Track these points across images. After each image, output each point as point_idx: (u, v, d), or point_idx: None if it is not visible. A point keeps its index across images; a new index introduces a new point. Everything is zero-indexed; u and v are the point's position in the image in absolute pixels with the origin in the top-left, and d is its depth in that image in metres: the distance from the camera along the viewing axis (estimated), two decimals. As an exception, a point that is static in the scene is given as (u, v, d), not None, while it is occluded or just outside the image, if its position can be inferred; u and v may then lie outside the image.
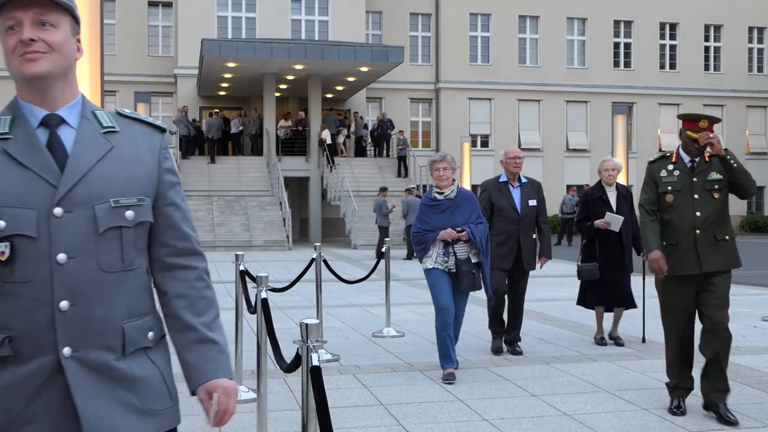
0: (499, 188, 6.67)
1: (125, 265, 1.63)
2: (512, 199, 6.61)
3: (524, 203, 6.62)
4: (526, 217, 6.60)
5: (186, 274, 1.73)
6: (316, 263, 7.10)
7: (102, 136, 1.65)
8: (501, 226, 6.54)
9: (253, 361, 5.95)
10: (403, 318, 8.73)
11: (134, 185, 1.64)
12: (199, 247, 1.76)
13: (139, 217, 1.64)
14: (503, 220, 6.56)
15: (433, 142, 33.74)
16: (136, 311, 1.65)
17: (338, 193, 25.33)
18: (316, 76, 26.65)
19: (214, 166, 26.40)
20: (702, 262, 4.60)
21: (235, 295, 5.32)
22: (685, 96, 36.05)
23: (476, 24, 34.04)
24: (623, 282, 6.98)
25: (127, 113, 1.72)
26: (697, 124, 4.66)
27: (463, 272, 5.63)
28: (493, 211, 6.59)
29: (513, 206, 6.59)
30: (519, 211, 6.59)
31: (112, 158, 1.63)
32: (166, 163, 1.71)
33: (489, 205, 6.58)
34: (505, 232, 6.53)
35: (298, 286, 8.32)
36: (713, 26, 36.62)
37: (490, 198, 6.63)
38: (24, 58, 1.57)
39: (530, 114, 34.37)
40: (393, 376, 5.75)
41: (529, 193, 6.68)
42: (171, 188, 1.72)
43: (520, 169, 6.65)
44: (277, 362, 3.03)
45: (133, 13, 31.16)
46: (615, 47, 35.54)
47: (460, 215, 5.75)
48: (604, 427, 4.41)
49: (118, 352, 1.61)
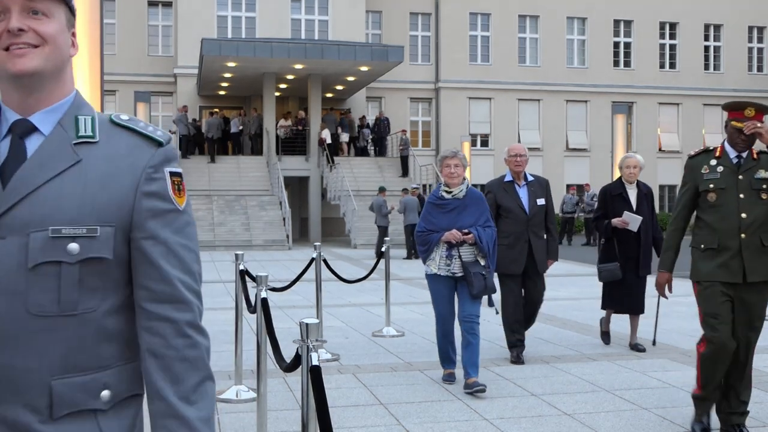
0: (505, 188, 6.37)
1: (62, 308, 1.30)
2: (519, 199, 6.30)
3: (532, 202, 6.30)
4: (535, 217, 6.28)
5: (163, 327, 1.35)
6: (316, 263, 7.10)
7: (71, 147, 1.34)
8: (509, 228, 6.22)
9: (253, 360, 5.95)
10: (403, 317, 8.73)
11: (93, 211, 1.31)
12: (189, 292, 1.37)
13: (88, 252, 1.30)
14: (511, 222, 6.24)
15: (433, 141, 33.74)
16: (79, 365, 1.31)
17: (338, 192, 25.33)
18: (316, 75, 26.66)
19: (214, 166, 26.41)
20: (747, 271, 4.11)
21: (235, 294, 5.32)
22: (685, 95, 36.07)
23: (476, 23, 34.04)
24: (637, 286, 6.66)
25: (122, 121, 1.40)
26: (742, 113, 4.19)
27: (473, 274, 5.29)
28: (500, 213, 6.29)
29: (521, 206, 6.28)
30: (527, 211, 6.27)
31: (73, 176, 1.31)
32: (151, 186, 1.35)
33: (495, 206, 6.25)
34: (513, 234, 6.22)
35: (298, 286, 8.33)
36: (713, 26, 36.62)
37: (495, 199, 6.31)
38: (11, 52, 1.33)
39: (530, 113, 34.38)
40: (393, 376, 5.75)
41: (536, 191, 6.37)
42: (153, 217, 1.35)
43: (522, 167, 6.35)
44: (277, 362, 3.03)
45: (133, 13, 31.16)
46: (615, 47, 35.55)
47: (467, 216, 5.45)
48: (604, 427, 4.41)
49: (43, 414, 1.29)
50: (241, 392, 5.06)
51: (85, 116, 1.39)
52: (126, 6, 31.04)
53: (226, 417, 4.62)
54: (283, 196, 24.14)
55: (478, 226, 5.44)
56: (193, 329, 1.38)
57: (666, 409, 4.78)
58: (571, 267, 15.97)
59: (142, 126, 1.40)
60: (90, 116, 1.39)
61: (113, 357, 1.36)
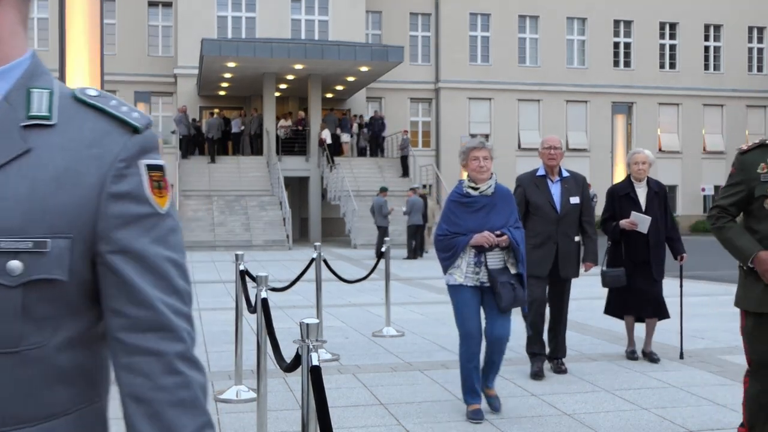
0: (536, 183, 5.77)
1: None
2: (551, 196, 5.71)
3: (565, 200, 5.71)
4: (566, 217, 5.72)
5: (147, 363, 1.02)
6: (316, 263, 7.10)
7: (18, 131, 0.99)
8: (537, 227, 5.66)
9: (253, 360, 5.95)
10: (403, 318, 8.73)
11: (43, 218, 0.98)
12: (176, 316, 1.04)
13: (34, 273, 0.97)
14: (540, 220, 5.68)
15: (433, 141, 33.75)
16: (21, 415, 1.00)
17: (338, 192, 25.34)
18: (316, 75, 26.66)
19: (214, 166, 26.41)
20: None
21: (235, 294, 5.32)
22: (685, 96, 36.08)
23: (476, 24, 34.05)
24: (652, 289, 6.21)
25: (89, 98, 1.04)
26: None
27: (500, 284, 4.56)
28: (529, 210, 5.73)
29: (551, 204, 5.70)
30: (558, 209, 5.70)
31: (19, 170, 0.98)
32: (121, 185, 1.01)
33: (524, 202, 5.70)
34: (541, 233, 5.65)
35: (298, 286, 8.33)
36: (713, 26, 36.63)
37: (525, 194, 5.73)
38: None
39: (530, 114, 34.39)
40: (393, 376, 5.74)
41: (570, 189, 5.77)
42: (124, 225, 1.01)
43: (556, 161, 5.73)
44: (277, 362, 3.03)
45: (133, 13, 31.17)
46: (615, 47, 35.55)
47: (497, 216, 4.71)
48: (604, 427, 4.41)
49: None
50: (241, 392, 5.06)
51: (41, 89, 1.03)
52: (126, 6, 31.05)
53: (226, 417, 4.62)
54: (283, 196, 24.15)
55: (510, 227, 4.73)
56: (186, 363, 1.04)
57: (666, 409, 4.78)
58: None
59: (114, 105, 1.04)
60: (47, 90, 1.03)
61: (71, 401, 1.04)
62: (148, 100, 13.63)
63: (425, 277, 14.00)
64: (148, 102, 13.54)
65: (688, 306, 9.65)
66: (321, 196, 27.05)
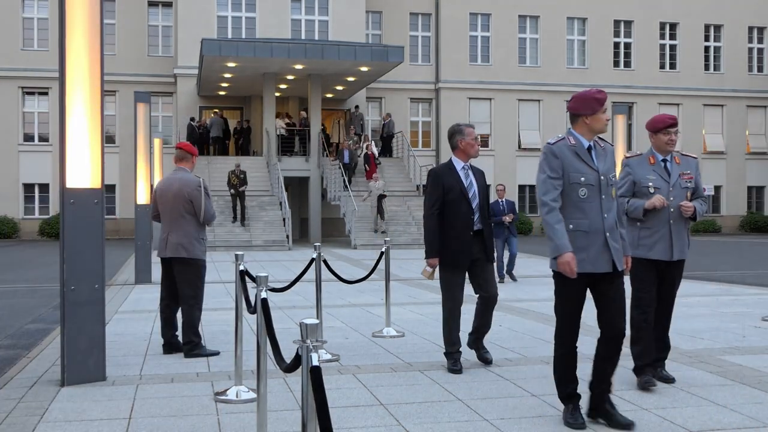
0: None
1: None
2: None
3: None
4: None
5: None
6: (316, 263, 7.10)
7: None
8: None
9: (253, 361, 5.95)
10: (403, 318, 8.73)
11: None
12: None
13: None
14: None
15: (433, 142, 33.75)
16: None
17: (338, 193, 25.33)
18: (316, 75, 26.66)
19: (215, 166, 26.43)
20: None
21: (235, 295, 5.31)
22: (685, 96, 36.08)
23: (476, 24, 34.05)
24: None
25: None
26: None
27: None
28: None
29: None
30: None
31: None
32: None
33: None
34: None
35: (298, 286, 8.33)
36: (713, 26, 36.63)
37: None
38: None
39: (530, 114, 34.38)
40: (393, 376, 5.74)
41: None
42: None
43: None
44: (277, 362, 3.03)
45: (133, 13, 31.17)
46: (615, 47, 35.55)
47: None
48: (604, 427, 4.41)
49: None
50: (241, 392, 5.05)
51: None
52: (126, 6, 31.06)
53: (226, 417, 4.62)
54: (283, 196, 24.14)
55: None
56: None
57: (666, 409, 4.78)
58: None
59: None
60: None
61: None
62: (148, 100, 13.61)
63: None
64: (148, 102, 13.52)
65: (688, 306, 9.65)
66: (321, 196, 27.06)
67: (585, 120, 4.56)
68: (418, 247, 23.28)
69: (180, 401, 4.97)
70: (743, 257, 19.93)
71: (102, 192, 5.62)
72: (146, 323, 8.46)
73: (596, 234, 4.35)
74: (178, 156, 6.89)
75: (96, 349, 5.55)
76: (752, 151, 37.20)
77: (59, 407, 4.85)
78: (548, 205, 4.32)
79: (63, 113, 5.47)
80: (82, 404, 4.92)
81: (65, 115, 5.47)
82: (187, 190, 6.62)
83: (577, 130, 4.55)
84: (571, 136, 4.54)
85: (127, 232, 29.29)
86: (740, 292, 11.29)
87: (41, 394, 5.21)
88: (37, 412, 4.73)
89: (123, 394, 5.17)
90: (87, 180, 5.52)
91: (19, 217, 30.59)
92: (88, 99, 5.51)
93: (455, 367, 5.81)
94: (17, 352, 7.03)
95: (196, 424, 4.43)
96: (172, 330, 6.72)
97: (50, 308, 10.12)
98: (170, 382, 5.54)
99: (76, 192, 5.50)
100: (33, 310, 10.05)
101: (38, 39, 30.79)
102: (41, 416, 4.64)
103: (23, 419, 4.58)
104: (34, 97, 30.97)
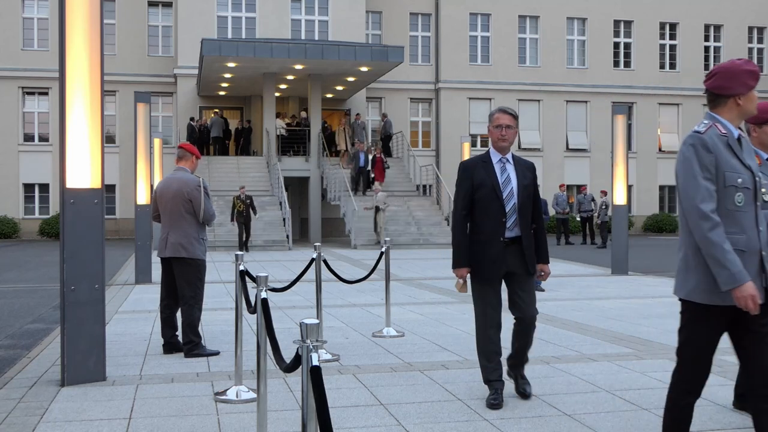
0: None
1: None
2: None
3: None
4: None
5: None
6: (316, 263, 7.10)
7: None
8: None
9: (253, 361, 5.96)
10: (403, 318, 8.73)
11: None
12: None
13: None
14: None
15: (433, 142, 33.75)
16: None
17: (338, 193, 25.33)
18: (316, 76, 26.66)
19: (215, 166, 26.43)
20: None
21: (235, 295, 5.32)
22: (685, 96, 36.08)
23: (476, 24, 34.05)
24: None
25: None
26: None
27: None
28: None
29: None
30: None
31: None
32: None
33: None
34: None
35: (298, 286, 8.33)
36: (713, 26, 36.63)
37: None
38: None
39: (530, 114, 34.38)
40: (393, 376, 5.74)
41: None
42: None
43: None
44: (277, 362, 3.03)
45: (133, 13, 31.17)
46: (615, 47, 35.56)
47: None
48: (604, 427, 4.41)
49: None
50: (241, 393, 5.06)
51: None
52: (126, 6, 31.06)
53: (226, 417, 4.62)
54: (283, 196, 24.14)
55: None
56: None
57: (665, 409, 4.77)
58: (571, 267, 15.97)
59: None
60: None
61: None
62: (148, 100, 13.61)
63: (425, 277, 14.01)
64: (148, 102, 13.52)
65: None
66: (321, 196, 27.06)
67: (737, 101, 3.27)
68: (418, 246, 23.29)
69: (180, 401, 4.97)
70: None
71: (102, 192, 5.62)
72: (146, 323, 8.46)
73: (753, 254, 3.22)
74: (178, 155, 6.90)
75: (96, 349, 5.55)
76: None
77: (59, 407, 4.85)
78: (710, 219, 3.14)
79: (63, 113, 5.47)
80: (82, 404, 4.92)
81: (65, 115, 5.47)
82: (186, 189, 6.62)
83: (725, 115, 3.28)
84: (719, 124, 3.27)
85: (127, 232, 29.29)
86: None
87: (41, 394, 5.21)
88: (37, 412, 4.73)
89: (123, 394, 5.17)
90: (87, 180, 5.52)
91: (19, 217, 30.58)
92: (88, 99, 5.51)
93: (494, 401, 4.83)
94: (17, 352, 7.03)
95: (196, 424, 4.43)
96: (172, 330, 6.72)
97: (50, 308, 10.11)
98: (170, 382, 5.54)
99: (76, 192, 5.50)
100: (33, 310, 10.05)
101: (38, 39, 30.79)
102: (41, 416, 4.64)
103: (23, 419, 4.58)
104: (34, 97, 30.97)
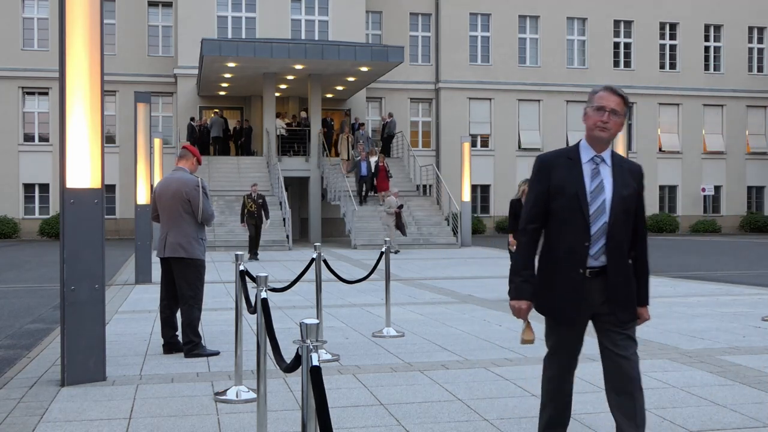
0: None
1: None
2: None
3: None
4: None
5: None
6: (316, 263, 7.09)
7: None
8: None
9: (253, 361, 5.95)
10: (403, 318, 8.72)
11: None
12: None
13: None
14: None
15: (433, 142, 33.74)
16: None
17: (338, 193, 25.33)
18: (316, 75, 26.66)
19: (215, 166, 26.42)
20: None
21: (235, 295, 5.31)
22: (685, 96, 36.09)
23: (476, 24, 34.05)
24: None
25: None
26: None
27: None
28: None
29: None
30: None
31: None
32: None
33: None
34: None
35: (298, 286, 8.33)
36: (713, 26, 36.63)
37: None
38: None
39: (530, 114, 34.38)
40: (393, 376, 5.74)
41: None
42: None
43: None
44: (277, 362, 3.03)
45: (133, 13, 31.18)
46: (615, 47, 35.56)
47: None
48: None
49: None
50: (241, 392, 5.05)
51: None
52: (126, 6, 31.06)
53: (226, 417, 4.61)
54: (283, 196, 24.14)
55: None
56: None
57: (666, 409, 4.77)
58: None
59: None
60: None
61: None
62: (148, 100, 13.61)
63: (425, 277, 14.00)
64: (148, 102, 13.52)
65: (688, 306, 9.65)
66: (321, 196, 27.06)
67: None
68: (418, 247, 23.28)
69: (180, 401, 4.97)
70: (743, 257, 19.93)
71: (102, 192, 5.62)
72: (146, 323, 8.46)
73: None
74: (180, 154, 6.91)
75: (96, 349, 5.55)
76: (752, 151, 37.19)
77: (59, 407, 4.85)
78: None
79: (63, 113, 5.47)
80: (82, 404, 4.92)
81: (65, 115, 5.47)
82: (185, 189, 6.62)
83: None
84: None
85: (127, 232, 29.29)
86: (740, 292, 11.29)
87: (41, 394, 5.21)
88: (37, 412, 4.73)
89: (123, 394, 5.17)
90: (87, 180, 5.52)
91: (19, 217, 30.59)
92: (88, 99, 5.51)
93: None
94: (17, 352, 7.03)
95: (196, 424, 4.43)
96: (172, 330, 6.71)
97: (50, 308, 10.11)
98: (170, 382, 5.54)
99: (76, 192, 5.50)
100: (33, 310, 10.05)
101: (38, 39, 30.79)
102: (41, 416, 4.64)
103: (23, 419, 4.58)
104: (34, 97, 30.97)
